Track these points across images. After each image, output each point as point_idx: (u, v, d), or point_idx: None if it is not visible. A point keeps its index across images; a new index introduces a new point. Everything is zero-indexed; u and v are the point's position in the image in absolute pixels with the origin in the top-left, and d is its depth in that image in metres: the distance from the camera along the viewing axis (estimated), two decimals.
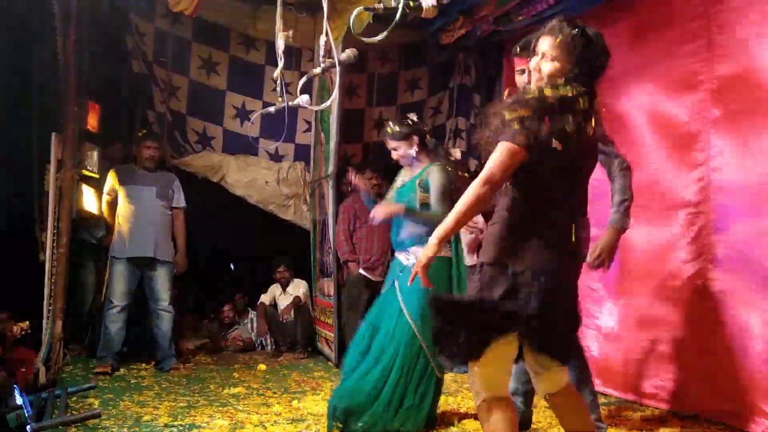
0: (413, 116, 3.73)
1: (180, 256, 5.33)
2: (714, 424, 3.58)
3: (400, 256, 3.69)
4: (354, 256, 5.62)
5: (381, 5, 1.87)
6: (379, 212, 3.47)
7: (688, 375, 3.79)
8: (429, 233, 3.47)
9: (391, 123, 3.72)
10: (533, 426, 3.50)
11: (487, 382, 2.19)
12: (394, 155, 3.70)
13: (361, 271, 5.61)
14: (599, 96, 2.24)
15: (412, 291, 3.44)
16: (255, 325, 6.49)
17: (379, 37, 1.83)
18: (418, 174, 3.63)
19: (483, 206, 2.24)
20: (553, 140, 2.11)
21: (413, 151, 3.63)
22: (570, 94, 2.15)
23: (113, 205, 5.25)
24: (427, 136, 3.71)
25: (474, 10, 4.80)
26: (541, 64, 2.26)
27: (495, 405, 2.17)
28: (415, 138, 3.63)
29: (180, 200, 5.39)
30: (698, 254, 3.74)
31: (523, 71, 3.05)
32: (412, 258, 3.55)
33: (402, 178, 3.82)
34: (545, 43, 2.25)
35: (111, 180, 5.25)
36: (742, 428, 3.42)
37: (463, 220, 2.23)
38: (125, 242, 5.10)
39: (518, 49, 3.06)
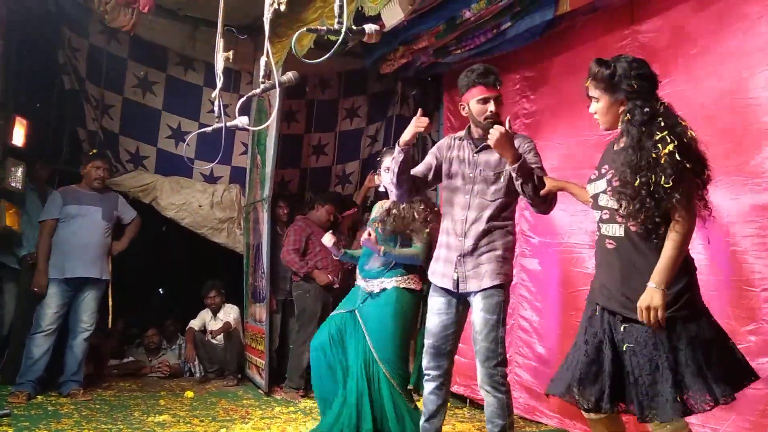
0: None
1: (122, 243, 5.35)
2: None
3: (366, 285, 3.68)
4: (311, 265, 5.43)
5: (324, 27, 1.88)
6: (368, 244, 3.54)
7: None
8: (400, 264, 3.59)
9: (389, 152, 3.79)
10: None
11: None
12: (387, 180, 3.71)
13: (329, 276, 5.44)
14: None
15: (375, 322, 3.63)
16: (183, 350, 6.32)
17: (322, 59, 1.84)
18: None
19: None
20: None
21: None
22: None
23: (51, 230, 4.99)
24: None
25: (414, 41, 4.88)
26: (594, 107, 2.55)
27: None
28: None
29: (129, 214, 5.38)
30: None
31: (485, 100, 3.03)
32: (377, 287, 3.68)
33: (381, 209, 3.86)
34: (589, 87, 2.56)
35: (56, 203, 5.01)
36: None
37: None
38: (65, 262, 4.91)
39: (484, 79, 3.04)
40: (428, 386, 3.21)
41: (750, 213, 3.08)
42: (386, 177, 3.71)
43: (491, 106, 3.03)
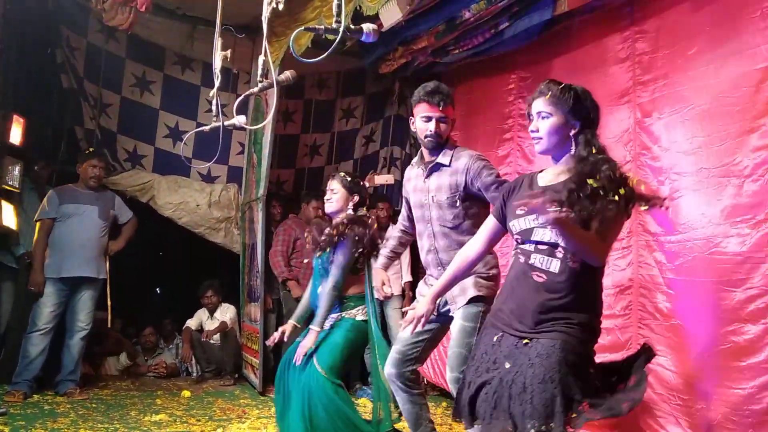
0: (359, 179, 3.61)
1: (118, 243, 5.37)
2: None
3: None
4: (292, 273, 5.53)
5: (322, 26, 1.88)
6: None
7: None
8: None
9: (342, 173, 3.57)
10: None
11: None
12: (330, 200, 3.49)
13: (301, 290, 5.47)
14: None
15: (324, 347, 3.34)
16: (180, 350, 6.32)
17: (320, 58, 1.84)
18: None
19: None
20: None
21: (349, 207, 3.47)
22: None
23: (48, 229, 4.99)
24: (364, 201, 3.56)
25: (413, 42, 4.88)
26: (539, 124, 2.42)
27: None
28: (356, 197, 3.49)
29: (126, 214, 5.41)
30: None
31: (428, 118, 2.97)
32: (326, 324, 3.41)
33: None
34: (538, 104, 2.43)
35: (52, 202, 5.01)
36: None
37: None
38: (61, 261, 4.93)
39: (425, 95, 2.97)
40: (398, 397, 3.09)
41: (739, 211, 3.07)
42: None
43: (431, 126, 2.96)
